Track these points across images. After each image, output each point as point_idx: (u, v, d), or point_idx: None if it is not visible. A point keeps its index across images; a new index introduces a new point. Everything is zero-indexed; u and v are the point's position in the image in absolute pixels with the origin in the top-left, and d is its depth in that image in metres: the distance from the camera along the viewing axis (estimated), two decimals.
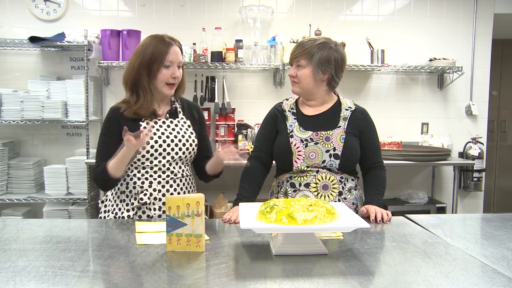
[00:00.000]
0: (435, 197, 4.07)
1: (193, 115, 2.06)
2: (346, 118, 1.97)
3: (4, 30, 3.69)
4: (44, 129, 3.81)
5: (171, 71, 1.88)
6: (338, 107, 2.00)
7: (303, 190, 1.93)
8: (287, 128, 1.98)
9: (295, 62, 1.94)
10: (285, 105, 2.05)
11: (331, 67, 1.91)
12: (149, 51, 1.85)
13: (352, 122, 1.96)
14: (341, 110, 1.99)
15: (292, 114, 2.01)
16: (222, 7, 3.87)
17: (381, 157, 2.05)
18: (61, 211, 3.51)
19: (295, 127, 1.97)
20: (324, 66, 1.90)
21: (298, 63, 1.93)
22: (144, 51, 1.86)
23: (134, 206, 1.89)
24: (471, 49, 4.04)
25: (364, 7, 3.98)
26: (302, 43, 1.94)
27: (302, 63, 1.91)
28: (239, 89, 3.93)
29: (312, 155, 1.91)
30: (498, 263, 1.31)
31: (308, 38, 1.97)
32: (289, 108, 2.03)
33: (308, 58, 1.90)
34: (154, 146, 1.88)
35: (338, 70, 1.94)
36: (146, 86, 1.88)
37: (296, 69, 1.94)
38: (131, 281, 1.15)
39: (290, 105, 2.04)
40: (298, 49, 1.93)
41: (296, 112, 2.02)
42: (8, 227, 1.66)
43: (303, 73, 1.92)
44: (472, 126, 4.10)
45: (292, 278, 1.19)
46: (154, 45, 1.86)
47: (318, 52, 1.89)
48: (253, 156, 2.06)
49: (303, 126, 1.96)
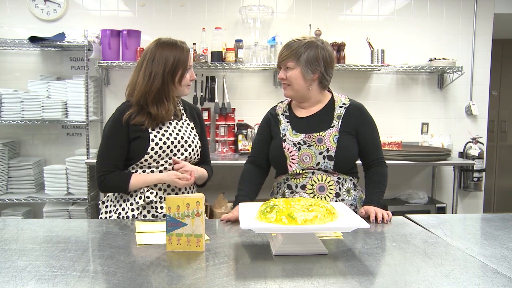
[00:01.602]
0: (435, 197, 4.08)
1: (195, 117, 2.08)
2: (340, 116, 1.93)
3: (4, 30, 3.70)
4: (44, 129, 3.81)
5: (190, 74, 1.94)
6: (331, 105, 1.97)
7: (300, 192, 1.92)
8: (280, 132, 1.97)
9: (283, 64, 1.91)
10: (279, 108, 2.04)
11: (320, 65, 1.88)
12: (171, 59, 1.86)
13: (346, 120, 1.93)
14: (334, 108, 1.95)
15: (285, 117, 1.99)
16: (222, 7, 3.87)
17: (382, 153, 2.01)
18: (61, 211, 3.51)
19: (288, 131, 1.95)
20: (313, 66, 1.87)
21: (286, 65, 1.90)
22: (166, 59, 1.86)
23: (139, 205, 1.89)
24: (471, 49, 4.05)
25: (364, 7, 3.98)
26: (289, 45, 1.91)
27: (290, 64, 1.88)
28: (239, 89, 3.93)
29: (306, 158, 1.89)
30: (498, 263, 1.31)
31: (294, 39, 1.93)
32: (282, 111, 2.02)
33: (295, 59, 1.87)
34: (162, 147, 1.89)
35: (328, 68, 1.91)
36: (170, 93, 1.90)
37: (285, 71, 1.91)
38: (131, 281, 1.15)
39: (283, 108, 2.03)
40: (285, 51, 1.90)
41: (289, 114, 2.00)
42: (8, 227, 1.66)
43: (292, 74, 1.89)
44: (472, 126, 4.10)
45: (292, 278, 1.19)
46: (175, 52, 1.88)
47: (305, 52, 1.86)
48: (250, 161, 2.07)
49: (296, 129, 1.94)
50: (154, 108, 1.87)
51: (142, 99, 1.88)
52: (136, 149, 1.88)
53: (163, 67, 1.86)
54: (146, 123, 1.87)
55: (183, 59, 1.89)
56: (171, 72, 1.87)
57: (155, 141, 1.88)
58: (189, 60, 1.92)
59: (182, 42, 1.94)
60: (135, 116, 1.87)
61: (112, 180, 1.88)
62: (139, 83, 1.88)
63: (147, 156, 1.88)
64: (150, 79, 1.86)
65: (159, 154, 1.89)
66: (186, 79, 1.93)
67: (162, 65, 1.86)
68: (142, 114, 1.88)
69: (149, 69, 1.87)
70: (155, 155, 1.88)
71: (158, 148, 1.88)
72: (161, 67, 1.86)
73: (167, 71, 1.86)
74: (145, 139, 1.87)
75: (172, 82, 1.89)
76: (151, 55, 1.88)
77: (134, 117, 1.87)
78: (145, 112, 1.88)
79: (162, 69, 1.86)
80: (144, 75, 1.87)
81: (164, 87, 1.88)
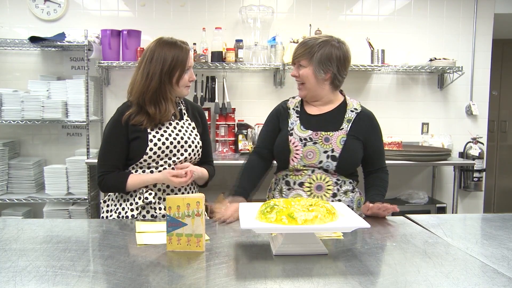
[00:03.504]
0: (435, 197, 4.07)
1: (197, 117, 2.06)
2: (350, 120, 1.93)
3: (4, 30, 3.70)
4: (44, 129, 3.81)
5: (189, 74, 1.91)
6: (343, 108, 1.97)
7: (297, 189, 1.92)
8: (288, 125, 1.97)
9: (296, 62, 1.93)
10: (291, 103, 2.04)
11: (332, 65, 1.87)
12: (169, 59, 1.84)
13: (356, 125, 1.93)
14: (346, 111, 1.96)
15: (296, 112, 1.99)
16: (222, 7, 3.87)
17: (385, 161, 2.03)
18: (61, 211, 3.51)
19: (296, 126, 1.95)
20: (325, 65, 1.86)
21: (299, 63, 1.91)
22: (164, 59, 1.84)
23: (139, 205, 1.89)
24: (471, 49, 4.04)
25: (364, 7, 3.98)
26: (304, 42, 1.91)
27: (303, 63, 1.89)
28: (239, 89, 3.93)
29: (309, 155, 1.90)
30: (498, 263, 1.31)
31: (310, 37, 1.94)
32: (294, 106, 2.01)
33: (308, 57, 1.87)
34: (161, 147, 1.88)
35: (341, 68, 1.90)
36: (168, 93, 1.88)
37: (298, 69, 1.92)
38: (131, 281, 1.15)
39: (295, 103, 2.02)
40: (299, 49, 1.90)
41: (300, 110, 2.00)
42: (8, 227, 1.66)
43: (304, 73, 1.89)
44: (472, 126, 4.10)
45: (292, 278, 1.19)
46: (173, 52, 1.85)
47: (319, 51, 1.85)
48: (255, 152, 2.07)
49: (304, 125, 1.95)
50: (152, 108, 1.86)
51: (140, 98, 1.87)
52: (135, 150, 1.88)
53: (160, 67, 1.84)
54: (144, 123, 1.86)
55: (181, 59, 1.86)
56: (168, 72, 1.85)
57: (154, 142, 1.87)
58: (188, 61, 1.88)
59: (183, 42, 1.91)
60: (135, 116, 1.87)
61: (111, 180, 1.88)
62: (137, 83, 1.87)
63: (146, 157, 1.88)
64: (148, 79, 1.84)
65: (158, 154, 1.88)
66: (185, 80, 1.90)
67: (160, 64, 1.84)
68: (142, 114, 1.87)
69: (147, 68, 1.85)
70: (154, 155, 1.88)
71: (156, 148, 1.87)
72: (159, 67, 1.84)
73: (164, 71, 1.84)
74: (143, 139, 1.87)
75: (170, 82, 1.87)
76: (150, 54, 1.86)
77: (133, 117, 1.87)
78: (144, 112, 1.87)
79: (160, 69, 1.84)
80: (142, 74, 1.86)
81: (161, 87, 1.85)
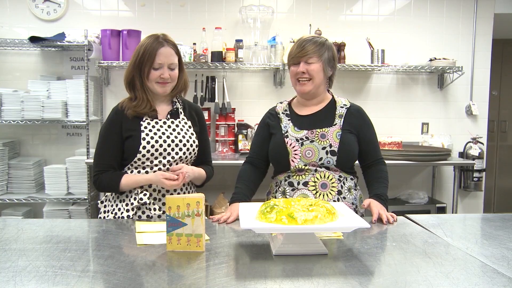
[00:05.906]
0: (435, 197, 4.08)
1: (193, 116, 2.05)
2: (341, 115, 1.97)
3: (4, 30, 3.70)
4: (44, 129, 3.81)
5: (159, 72, 1.88)
6: (333, 105, 2.01)
7: (302, 189, 1.92)
8: (282, 129, 1.98)
9: (305, 59, 1.92)
10: (279, 108, 2.07)
11: (335, 65, 1.99)
12: (141, 52, 1.87)
13: (347, 119, 1.97)
14: (336, 108, 1.99)
15: (286, 115, 2.02)
16: (222, 7, 3.87)
17: (381, 153, 2.05)
18: (61, 211, 3.51)
19: (290, 128, 1.97)
20: (331, 64, 1.96)
21: (309, 60, 1.91)
22: (138, 51, 1.89)
23: (134, 206, 1.89)
24: (471, 49, 4.05)
25: (364, 7, 3.98)
26: (312, 41, 1.93)
27: (313, 60, 1.91)
28: (239, 89, 3.93)
29: (308, 153, 1.91)
30: (498, 263, 1.31)
31: (311, 35, 1.99)
32: (283, 110, 2.04)
33: (319, 55, 1.92)
34: (154, 146, 1.88)
35: (335, 69, 2.02)
36: (139, 85, 1.90)
37: (306, 65, 1.92)
38: (131, 281, 1.15)
39: (284, 108, 2.05)
40: (310, 46, 1.91)
41: (290, 113, 2.02)
42: (8, 227, 1.66)
43: (315, 68, 1.91)
44: (472, 126, 4.10)
45: (292, 278, 1.19)
46: (146, 46, 1.87)
47: (326, 51, 1.94)
48: (248, 161, 2.09)
49: (298, 126, 1.97)
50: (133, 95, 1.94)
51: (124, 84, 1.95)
52: (129, 149, 1.89)
53: (134, 58, 1.89)
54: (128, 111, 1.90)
55: (151, 54, 1.84)
56: (137, 65, 1.88)
57: (147, 140, 1.87)
58: (158, 57, 1.85)
59: (165, 38, 1.89)
60: (126, 104, 1.93)
61: (105, 180, 1.89)
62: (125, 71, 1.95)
63: (140, 155, 1.87)
64: (127, 68, 1.93)
65: (151, 153, 1.88)
66: (153, 75, 1.87)
67: (134, 56, 1.89)
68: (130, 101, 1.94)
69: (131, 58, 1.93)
70: (148, 153, 1.87)
71: (150, 146, 1.87)
72: (133, 58, 1.90)
73: (136, 63, 1.89)
74: (137, 138, 1.87)
75: (140, 75, 1.89)
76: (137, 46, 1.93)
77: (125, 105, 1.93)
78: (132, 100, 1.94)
79: (133, 60, 1.90)
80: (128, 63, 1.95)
81: (134, 79, 1.91)
